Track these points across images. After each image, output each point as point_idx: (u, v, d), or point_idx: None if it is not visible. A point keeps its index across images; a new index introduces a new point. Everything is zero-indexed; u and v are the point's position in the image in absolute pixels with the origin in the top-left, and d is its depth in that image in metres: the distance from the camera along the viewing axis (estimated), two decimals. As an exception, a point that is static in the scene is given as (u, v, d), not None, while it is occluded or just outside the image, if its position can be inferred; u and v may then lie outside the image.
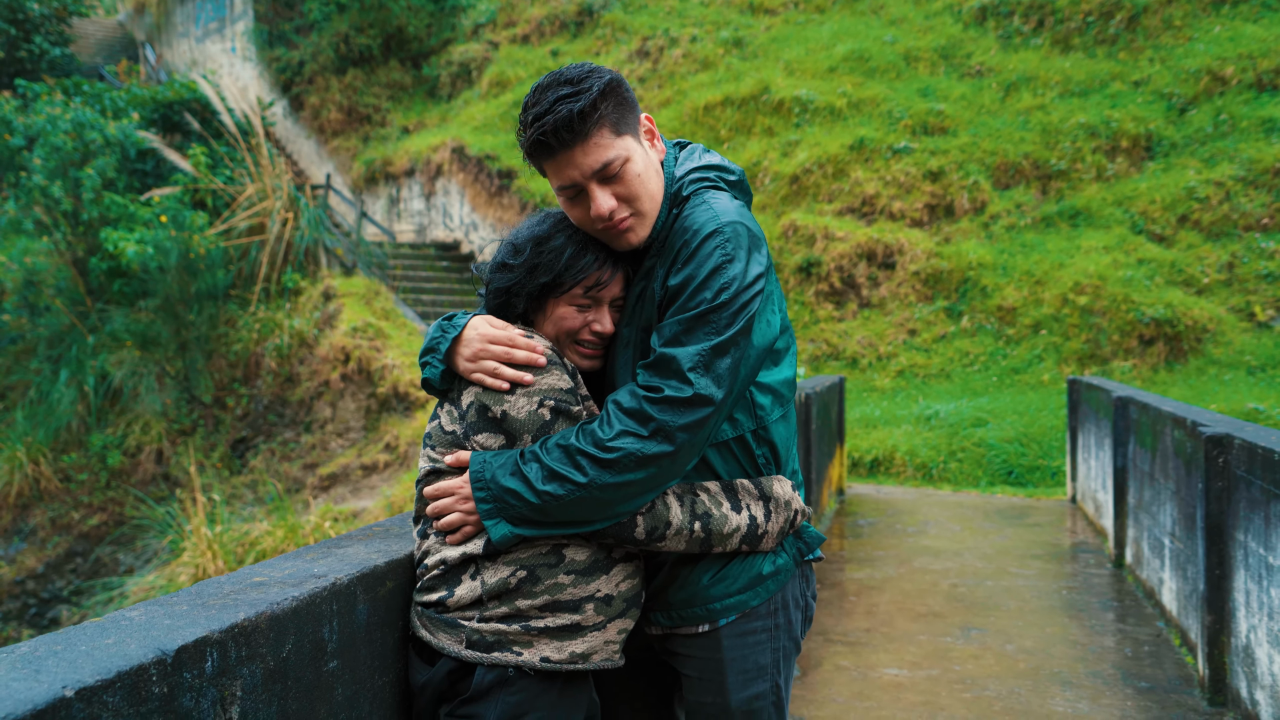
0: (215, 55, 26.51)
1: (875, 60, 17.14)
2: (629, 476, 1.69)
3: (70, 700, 1.11)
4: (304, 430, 14.31)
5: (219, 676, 1.34)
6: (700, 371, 1.70)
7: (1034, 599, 5.86)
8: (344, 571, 1.68)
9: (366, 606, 1.71)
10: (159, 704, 1.23)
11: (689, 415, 1.69)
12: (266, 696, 1.44)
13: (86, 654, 1.22)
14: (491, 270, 1.89)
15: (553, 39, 21.40)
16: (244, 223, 16.06)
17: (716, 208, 1.82)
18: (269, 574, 1.66)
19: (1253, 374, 11.23)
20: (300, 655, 1.52)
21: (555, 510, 1.69)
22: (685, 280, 1.75)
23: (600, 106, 1.76)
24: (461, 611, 1.72)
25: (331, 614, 1.61)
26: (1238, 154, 13.52)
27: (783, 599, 1.94)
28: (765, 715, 1.93)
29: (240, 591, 1.54)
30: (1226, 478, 4.04)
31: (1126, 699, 4.26)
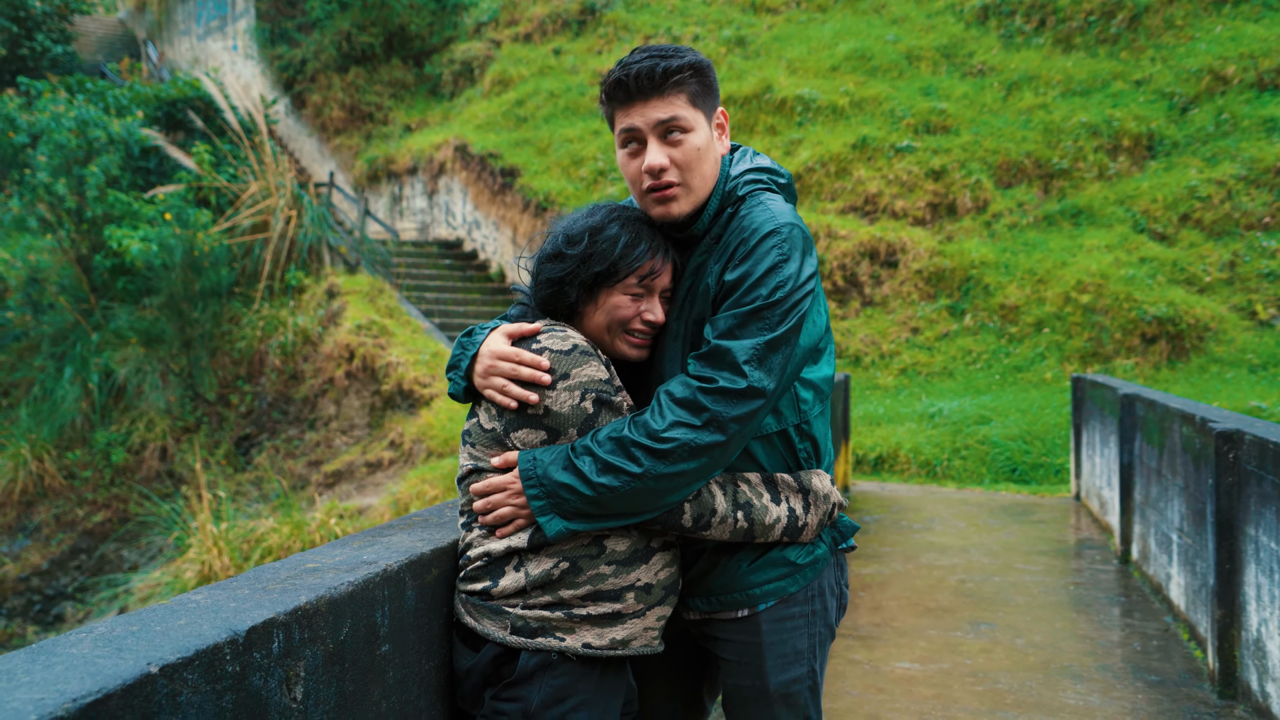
0: (217, 53, 26.53)
1: (877, 59, 17.18)
2: (682, 466, 1.72)
3: (155, 676, 1.15)
4: (308, 427, 14.34)
5: (284, 657, 1.38)
6: (754, 365, 1.75)
7: (1041, 594, 5.90)
8: (393, 559, 1.72)
9: (414, 593, 1.75)
10: (232, 682, 1.27)
11: (742, 407, 1.74)
12: (326, 678, 1.48)
13: (162, 634, 1.26)
14: (542, 261, 1.91)
15: (555, 37, 21.43)
16: (248, 220, 16.08)
17: (773, 209, 1.88)
18: (321, 560, 1.70)
19: (1254, 372, 11.28)
20: (356, 638, 1.56)
21: (610, 502, 1.73)
22: (742, 276, 1.81)
23: (684, 73, 1.84)
24: (506, 600, 1.77)
25: (383, 599, 1.65)
26: (1239, 153, 13.57)
27: (819, 586, 1.99)
28: (802, 699, 1.97)
29: (296, 577, 1.58)
30: (1237, 473, 4.09)
31: (1137, 692, 4.30)
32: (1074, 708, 4.13)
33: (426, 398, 13.30)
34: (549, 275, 1.88)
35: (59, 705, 1.03)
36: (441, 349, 14.22)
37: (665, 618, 1.89)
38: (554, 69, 20.33)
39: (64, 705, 1.03)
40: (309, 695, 1.43)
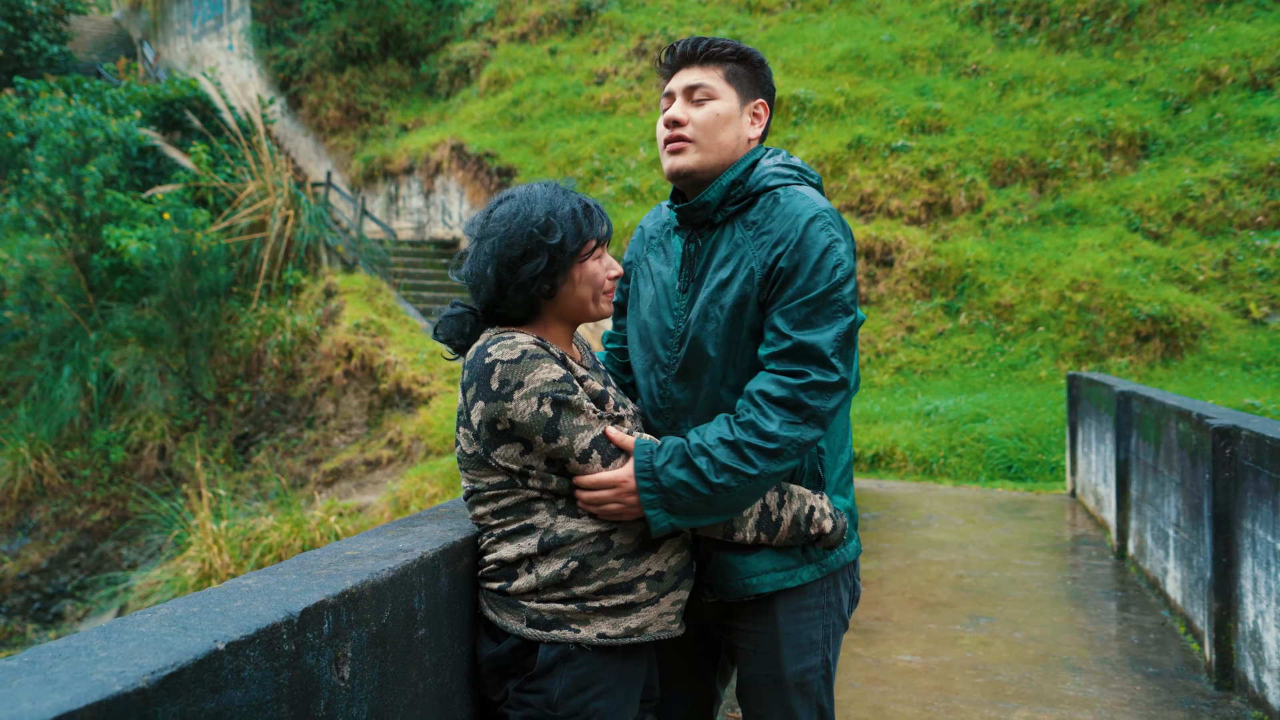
0: (213, 53, 26.51)
1: (872, 59, 17.27)
2: (789, 463, 1.84)
3: (221, 652, 1.21)
4: (307, 426, 14.38)
5: (334, 638, 1.44)
6: (839, 356, 1.85)
7: (1039, 589, 5.98)
8: (428, 547, 1.79)
9: (448, 579, 1.82)
10: (288, 660, 1.33)
11: (835, 399, 1.85)
12: (370, 659, 1.54)
13: (222, 614, 1.33)
14: (513, 264, 1.85)
15: (551, 37, 21.48)
16: (245, 220, 16.12)
17: (811, 197, 1.97)
18: (360, 548, 1.76)
19: (1248, 370, 11.38)
20: (396, 622, 1.63)
21: (723, 500, 1.82)
22: (799, 263, 1.88)
23: (726, 53, 2.00)
24: (520, 596, 1.84)
25: (420, 585, 1.71)
26: (1233, 152, 13.68)
27: (834, 579, 2.07)
28: (816, 688, 2.04)
29: (338, 564, 1.64)
30: (1234, 468, 4.17)
31: (1135, 684, 4.38)
32: (1073, 699, 4.20)
33: (424, 396, 13.36)
34: (532, 272, 1.85)
35: (139, 677, 1.09)
36: (438, 347, 14.27)
37: (682, 601, 1.95)
38: (550, 69, 20.38)
39: (143, 677, 1.09)
40: (355, 675, 1.50)
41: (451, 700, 1.83)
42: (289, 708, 1.33)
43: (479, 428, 1.82)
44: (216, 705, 1.19)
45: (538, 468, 1.82)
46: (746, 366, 1.95)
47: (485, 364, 1.80)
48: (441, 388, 13.39)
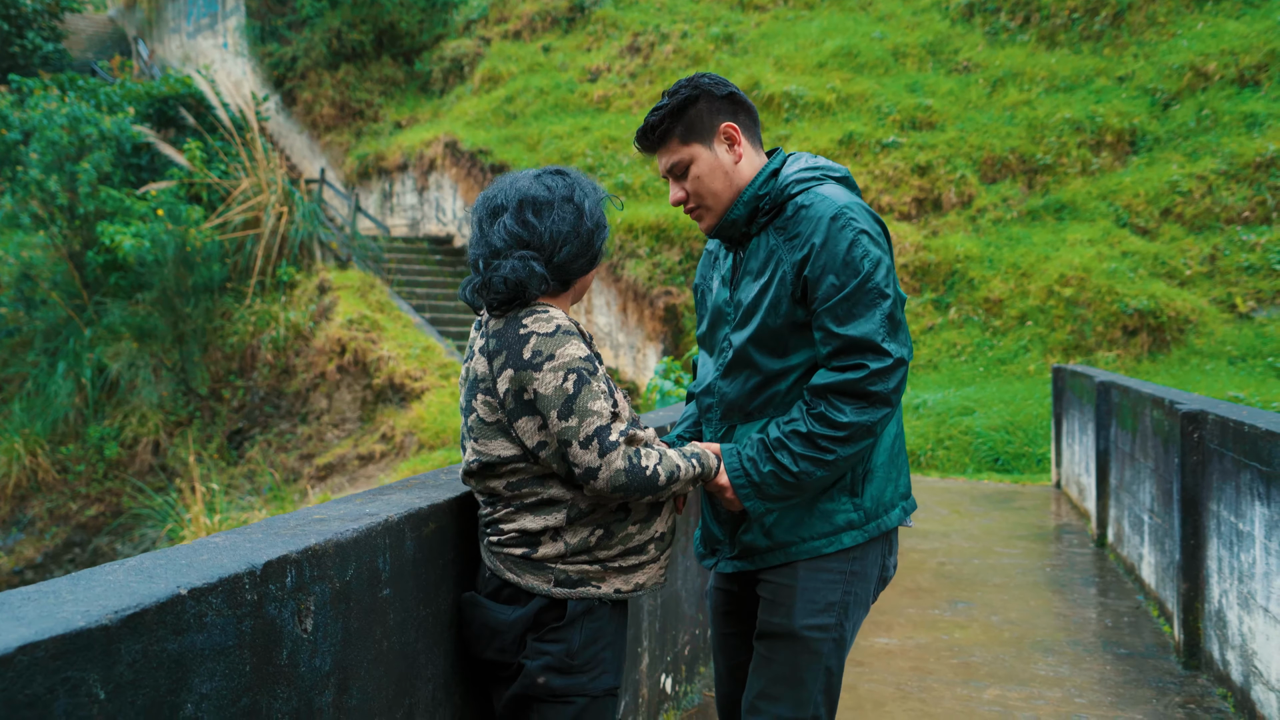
0: (207, 51, 26.55)
1: (864, 56, 17.35)
2: (864, 443, 2.05)
3: (184, 597, 1.29)
4: (300, 421, 14.45)
5: (296, 591, 1.52)
6: (889, 340, 2.02)
7: (1019, 576, 6.07)
8: (393, 512, 1.86)
9: (413, 543, 1.89)
10: (250, 609, 1.41)
11: (895, 377, 2.02)
12: (333, 614, 1.62)
13: (188, 565, 1.40)
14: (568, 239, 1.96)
15: (544, 35, 21.55)
16: (239, 216, 16.17)
17: (829, 195, 2.11)
18: (327, 513, 1.84)
19: (1233, 364, 11.48)
20: (360, 581, 1.70)
21: (809, 482, 2.05)
22: (827, 263, 2.04)
23: (666, 124, 2.15)
24: (547, 561, 1.94)
25: (385, 547, 1.79)
26: (1220, 148, 13.77)
27: (862, 552, 2.17)
28: (824, 648, 2.14)
29: (305, 525, 1.72)
30: (1201, 451, 4.25)
31: (1106, 664, 4.46)
32: (1044, 678, 4.29)
33: (417, 391, 13.43)
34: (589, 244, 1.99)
35: (102, 615, 1.16)
36: (432, 343, 14.35)
37: (673, 557, 2.13)
38: (543, 66, 20.44)
39: (107, 615, 1.17)
40: (318, 628, 1.57)
41: (416, 659, 1.90)
42: (251, 654, 1.40)
43: (505, 395, 1.88)
44: (179, 646, 1.27)
45: (551, 445, 1.89)
46: (784, 362, 2.12)
47: (520, 334, 1.87)
48: (434, 383, 13.46)
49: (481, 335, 1.99)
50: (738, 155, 2.17)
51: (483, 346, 1.94)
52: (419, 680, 1.92)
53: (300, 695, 1.52)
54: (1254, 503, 3.56)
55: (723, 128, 2.16)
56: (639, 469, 1.87)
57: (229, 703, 1.36)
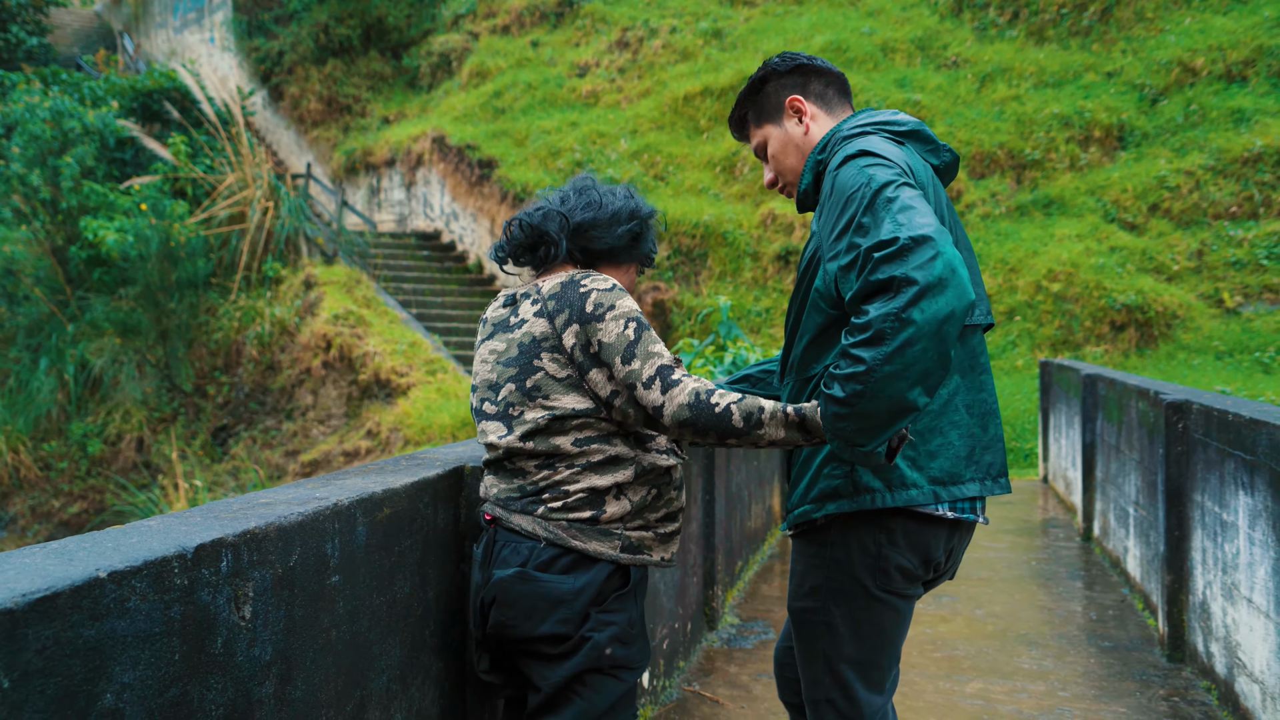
0: (194, 45, 26.38)
1: (853, 51, 17.30)
2: (900, 340, 1.64)
3: (103, 581, 1.21)
4: (285, 418, 14.35)
5: (233, 576, 1.45)
6: (890, 223, 1.70)
7: (1004, 569, 6.02)
8: (344, 496, 1.79)
9: (365, 529, 1.83)
10: (179, 594, 1.34)
11: (914, 256, 1.65)
12: (275, 600, 1.55)
13: (114, 548, 1.33)
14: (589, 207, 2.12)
15: (533, 29, 21.46)
16: (224, 211, 16.05)
17: (855, 145, 1.92)
18: (275, 497, 1.77)
19: (1220, 359, 11.46)
20: (305, 566, 1.63)
21: (864, 405, 1.69)
22: (835, 207, 1.86)
23: (742, 113, 2.25)
24: (612, 523, 1.96)
25: (334, 532, 1.72)
26: (1207, 144, 13.76)
27: (844, 535, 2.00)
28: (814, 631, 2.06)
29: (249, 508, 1.65)
30: (1185, 442, 4.20)
31: (1090, 657, 4.42)
32: (1028, 671, 4.24)
33: (404, 387, 13.33)
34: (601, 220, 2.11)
35: (8, 599, 1.09)
36: (419, 339, 14.26)
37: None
38: (532, 61, 20.35)
39: (13, 599, 1.10)
40: (257, 615, 1.50)
41: (368, 649, 1.83)
42: (181, 641, 1.33)
43: (573, 350, 1.96)
44: (97, 633, 1.20)
45: (622, 394, 1.95)
46: (814, 326, 2.00)
47: (580, 291, 1.98)
48: (420, 378, 13.37)
49: (532, 300, 2.03)
50: (806, 126, 2.15)
51: (539, 310, 2.00)
52: (371, 671, 1.85)
53: (237, 685, 1.45)
54: (1238, 492, 3.51)
55: (788, 102, 2.16)
56: (705, 404, 1.88)
57: (155, 693, 1.29)
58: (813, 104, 2.15)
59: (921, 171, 1.95)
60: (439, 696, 2.11)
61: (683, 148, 16.66)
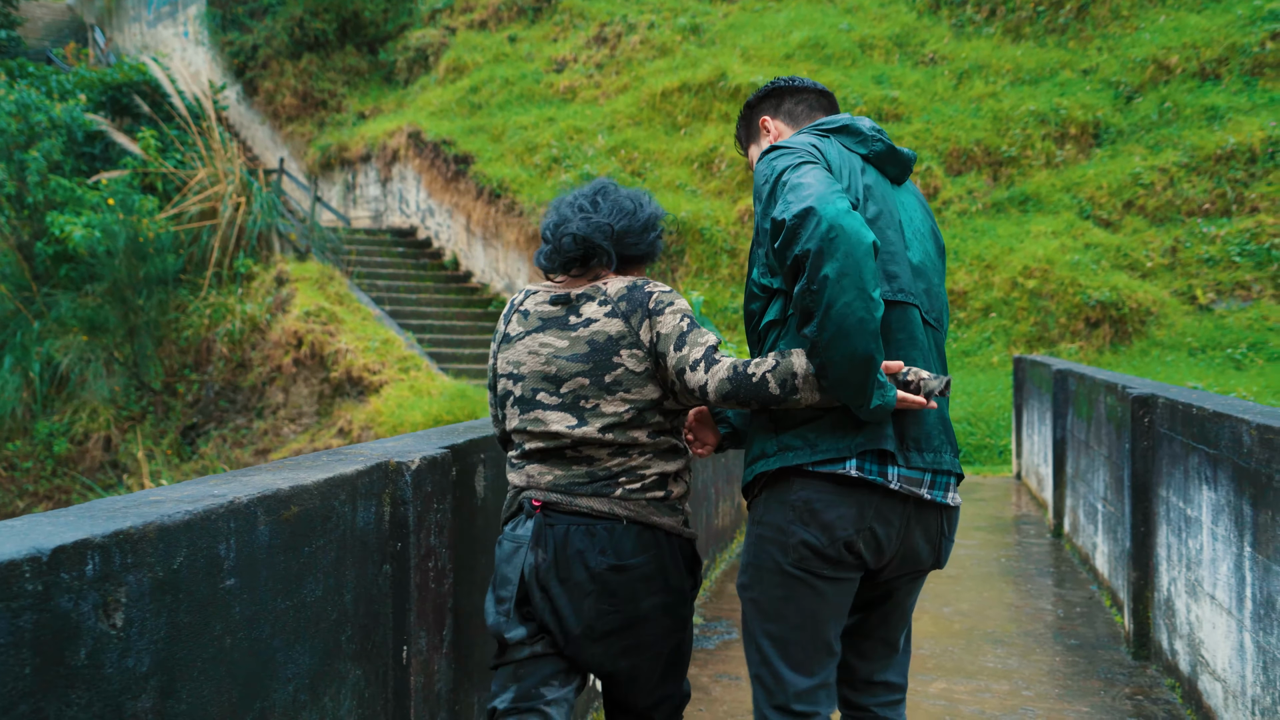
0: (167, 39, 26.10)
1: (831, 47, 17.24)
2: (821, 307, 1.80)
3: (-65, 586, 1.10)
4: (256, 416, 14.17)
5: (101, 581, 1.33)
6: (778, 208, 1.87)
7: (974, 566, 5.96)
8: (245, 493, 1.68)
9: (268, 528, 1.71)
10: (33, 601, 1.22)
11: (800, 235, 1.81)
12: (155, 607, 1.43)
13: (-41, 551, 1.21)
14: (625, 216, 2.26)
15: (510, 24, 21.31)
16: (195, 207, 15.84)
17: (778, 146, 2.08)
18: (168, 495, 1.65)
19: (1193, 355, 11.47)
20: (193, 569, 1.52)
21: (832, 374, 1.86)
22: (755, 200, 2.07)
23: (738, 134, 2.43)
24: (679, 500, 2.21)
25: (229, 531, 1.60)
26: (1181, 141, 13.78)
27: (765, 511, 2.07)
28: (744, 606, 2.15)
29: (133, 506, 1.53)
30: (1151, 436, 4.14)
31: (1056, 655, 4.35)
32: (992, 670, 4.16)
33: (376, 385, 13.18)
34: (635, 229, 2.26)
35: None
36: (392, 336, 14.10)
37: None
38: (509, 56, 20.20)
39: None
40: (132, 623, 1.39)
41: (271, 658, 1.72)
42: (34, 653, 1.22)
43: (650, 345, 2.13)
44: (-73, 643, 1.09)
45: (675, 380, 2.12)
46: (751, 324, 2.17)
47: (646, 292, 2.18)
48: (393, 376, 13.21)
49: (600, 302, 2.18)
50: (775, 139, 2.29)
51: (610, 311, 2.16)
52: (275, 681, 1.73)
53: (105, 700, 1.34)
54: (1201, 487, 3.44)
55: (760, 122, 2.34)
56: (744, 375, 2.00)
57: (0, 709, 1.18)
58: (779, 121, 2.31)
59: (837, 157, 2.05)
60: (357, 706, 2.00)
61: (660, 144, 16.56)
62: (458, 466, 2.44)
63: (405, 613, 2.16)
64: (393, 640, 2.15)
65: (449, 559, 2.33)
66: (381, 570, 2.12)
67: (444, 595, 2.31)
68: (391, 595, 2.15)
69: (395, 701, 2.14)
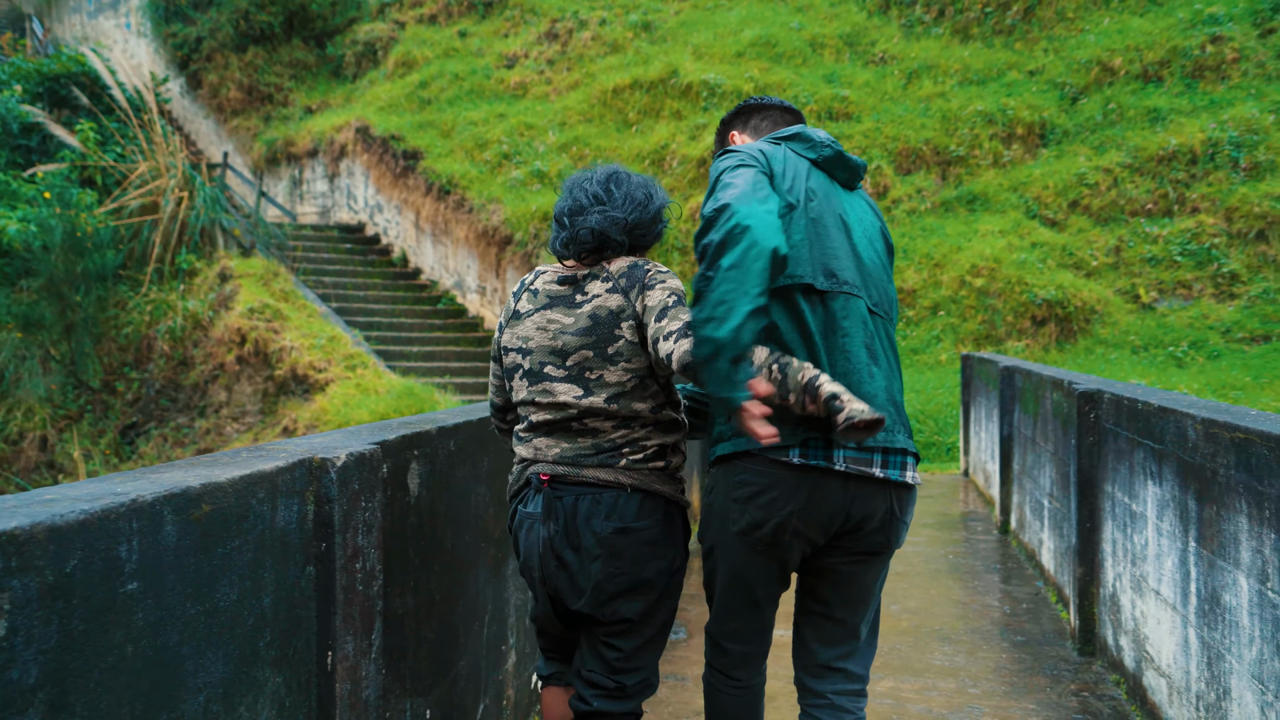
0: (109, 31, 25.50)
1: (782, 46, 17.28)
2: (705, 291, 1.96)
3: None
4: (198, 415, 13.86)
5: (-19, 586, 1.23)
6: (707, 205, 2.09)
7: (921, 564, 5.96)
8: (150, 491, 1.57)
9: (176, 528, 1.61)
10: (-100, 609, 1.12)
11: (712, 229, 2.00)
12: (44, 614, 1.33)
13: None
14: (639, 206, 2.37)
15: (460, 19, 21.10)
16: (136, 201, 15.46)
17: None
18: (65, 493, 1.54)
19: (1136, 353, 11.64)
20: (90, 573, 1.41)
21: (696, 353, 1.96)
22: None
23: (714, 148, 2.62)
24: (676, 470, 2.33)
25: (131, 532, 1.50)
26: (1125, 142, 13.99)
27: (716, 485, 2.28)
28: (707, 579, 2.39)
29: (24, 506, 1.42)
30: (1097, 432, 4.14)
31: (1002, 652, 4.34)
32: (939, 668, 4.14)
33: (322, 383, 12.95)
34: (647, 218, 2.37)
35: None
36: (339, 333, 13.86)
37: None
38: (459, 51, 19.99)
39: None
40: (17, 631, 1.28)
41: (179, 666, 1.61)
42: (-101, 665, 1.12)
43: (645, 312, 2.24)
44: None
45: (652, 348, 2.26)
46: None
47: (644, 269, 2.29)
48: (339, 374, 12.99)
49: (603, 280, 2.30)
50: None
51: (612, 287, 2.27)
52: (184, 691, 1.63)
53: (-15, 714, 1.23)
54: (1146, 482, 3.44)
55: (729, 137, 2.54)
56: None
57: None
58: (745, 135, 2.50)
59: (782, 160, 2.22)
60: (277, 715, 1.90)
61: (612, 140, 16.47)
62: (389, 463, 2.35)
63: (330, 616, 2.06)
64: (317, 645, 2.05)
65: (378, 560, 2.23)
66: (304, 572, 2.02)
67: (373, 598, 2.21)
68: (315, 598, 2.05)
69: (320, 710, 2.04)
